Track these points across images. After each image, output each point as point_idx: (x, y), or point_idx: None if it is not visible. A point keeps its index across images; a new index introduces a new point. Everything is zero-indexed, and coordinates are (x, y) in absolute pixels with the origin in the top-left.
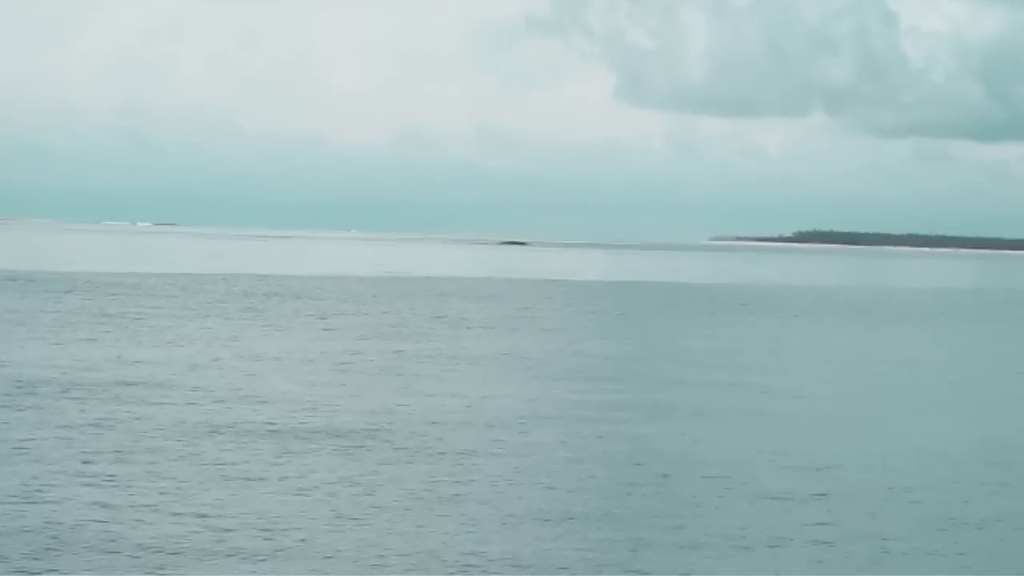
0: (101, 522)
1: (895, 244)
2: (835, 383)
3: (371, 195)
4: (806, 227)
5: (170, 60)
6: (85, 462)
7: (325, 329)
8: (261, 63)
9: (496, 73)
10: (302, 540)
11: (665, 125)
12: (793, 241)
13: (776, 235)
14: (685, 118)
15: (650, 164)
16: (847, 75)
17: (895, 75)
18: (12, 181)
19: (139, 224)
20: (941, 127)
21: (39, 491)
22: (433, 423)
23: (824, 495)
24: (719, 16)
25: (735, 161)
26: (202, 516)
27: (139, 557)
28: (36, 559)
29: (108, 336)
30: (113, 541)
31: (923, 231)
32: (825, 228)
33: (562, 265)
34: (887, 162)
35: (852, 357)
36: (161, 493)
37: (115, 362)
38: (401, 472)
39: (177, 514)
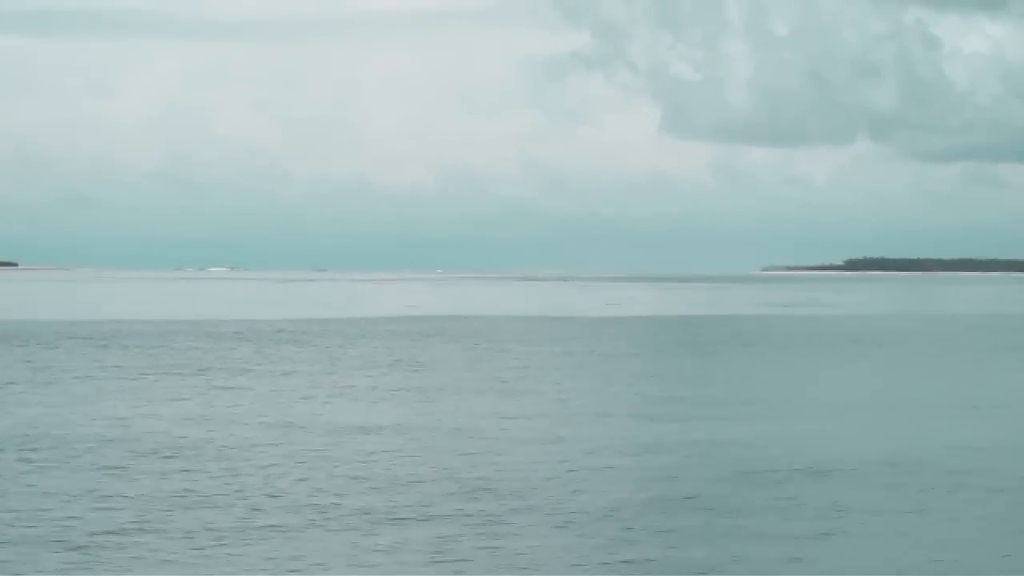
0: None
1: (946, 269)
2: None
3: (419, 235)
4: (856, 255)
5: (214, 107)
6: None
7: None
8: (306, 106)
9: (541, 110)
10: None
11: (711, 156)
12: (844, 269)
13: (827, 263)
14: (731, 148)
15: (698, 196)
16: (891, 101)
17: (940, 99)
18: (59, 231)
19: (187, 270)
20: (989, 150)
21: None
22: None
23: None
24: (761, 46)
25: (783, 190)
26: None
27: None
28: None
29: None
30: None
31: (974, 255)
32: (875, 255)
33: (614, 301)
34: (935, 187)
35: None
36: None
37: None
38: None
39: None
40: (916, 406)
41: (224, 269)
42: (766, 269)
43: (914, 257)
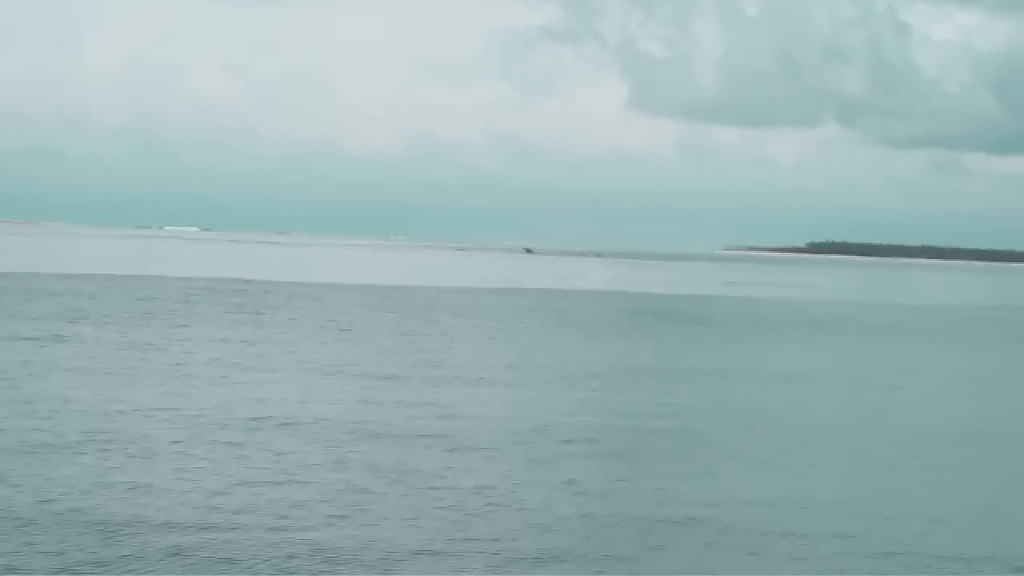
0: None
1: (908, 256)
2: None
3: (385, 201)
4: (819, 238)
5: (184, 65)
6: None
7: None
8: (275, 68)
9: (509, 81)
10: None
11: (677, 134)
12: (806, 252)
13: (789, 245)
14: (697, 127)
15: (662, 173)
16: (860, 86)
17: (908, 86)
18: (26, 185)
19: (153, 228)
20: (955, 138)
21: None
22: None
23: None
24: (731, 26)
25: (748, 171)
26: None
27: None
28: None
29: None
30: None
31: (936, 243)
32: (838, 239)
33: (577, 275)
34: (901, 173)
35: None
36: None
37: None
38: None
39: None
40: (828, 385)
41: (195, 229)
42: (729, 248)
43: (877, 242)
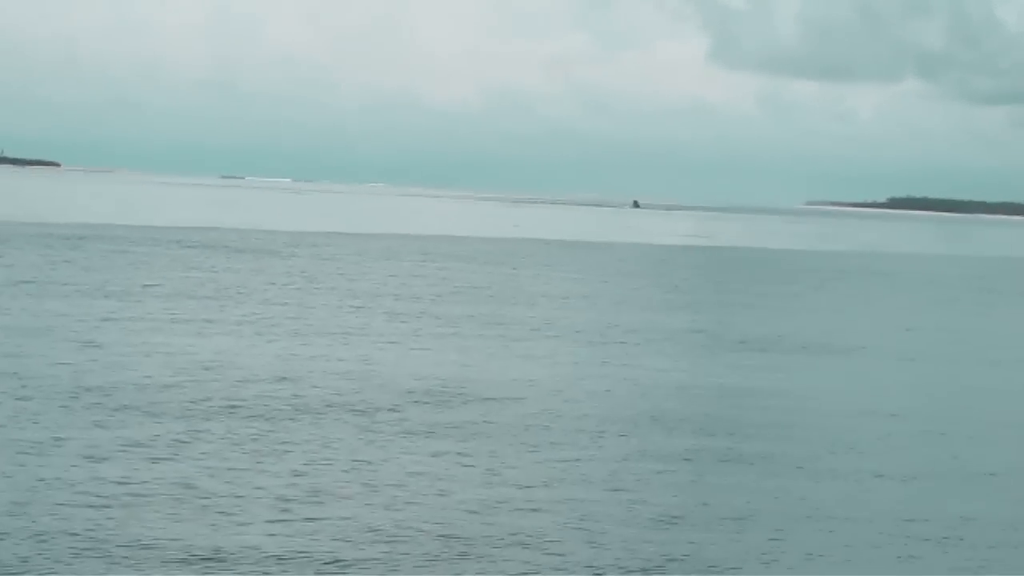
0: None
1: (989, 212)
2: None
3: (462, 153)
4: (899, 193)
5: (264, 15)
6: None
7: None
8: (355, 18)
9: (590, 32)
10: None
11: (757, 88)
12: (887, 207)
13: (870, 201)
14: (778, 81)
15: (742, 127)
16: (941, 40)
17: (990, 41)
18: (106, 134)
19: (239, 177)
20: None
21: None
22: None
23: None
24: None
25: (828, 125)
26: None
27: None
28: None
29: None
30: None
31: (1018, 199)
32: (919, 195)
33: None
34: (982, 128)
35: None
36: None
37: None
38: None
39: None
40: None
41: (288, 180)
42: (810, 203)
43: (957, 198)
